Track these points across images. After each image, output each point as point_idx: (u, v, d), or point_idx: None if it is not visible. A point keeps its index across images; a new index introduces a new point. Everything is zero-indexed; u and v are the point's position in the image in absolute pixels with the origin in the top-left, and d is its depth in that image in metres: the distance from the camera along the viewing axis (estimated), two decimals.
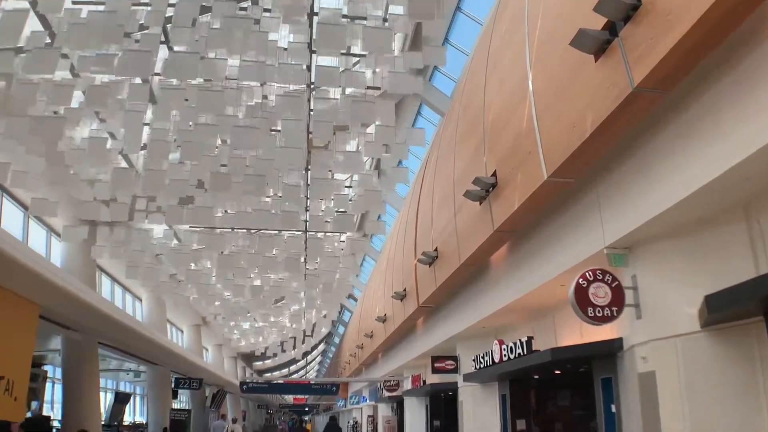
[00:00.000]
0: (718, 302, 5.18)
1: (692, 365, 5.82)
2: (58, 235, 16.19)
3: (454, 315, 12.89)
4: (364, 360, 27.74)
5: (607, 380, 8.02)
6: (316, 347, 48.84)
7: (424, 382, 17.88)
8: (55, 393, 19.51)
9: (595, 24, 5.38)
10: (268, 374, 54.27)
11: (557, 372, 10.46)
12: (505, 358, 10.49)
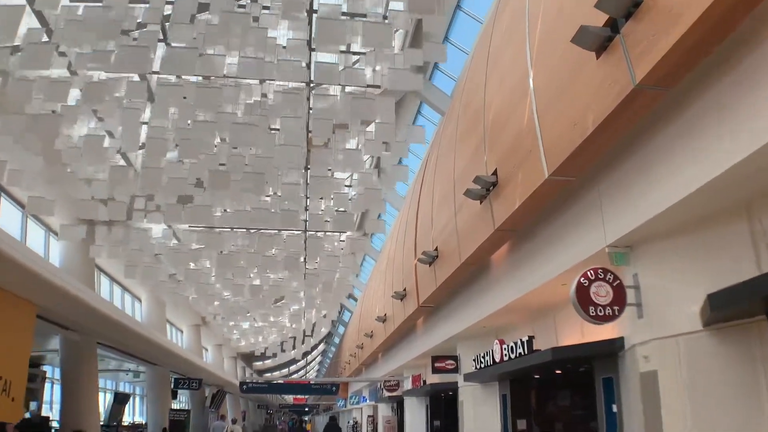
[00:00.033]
0: (720, 301, 5.15)
1: (694, 364, 5.79)
2: (56, 234, 16.14)
3: (455, 315, 12.86)
4: (364, 360, 27.71)
5: (608, 380, 7.99)
6: (316, 347, 48.81)
7: (425, 382, 17.85)
8: (55, 393, 19.47)
9: (597, 21, 5.34)
10: (268, 374, 54.22)
11: (558, 372, 10.42)
12: (506, 358, 10.46)
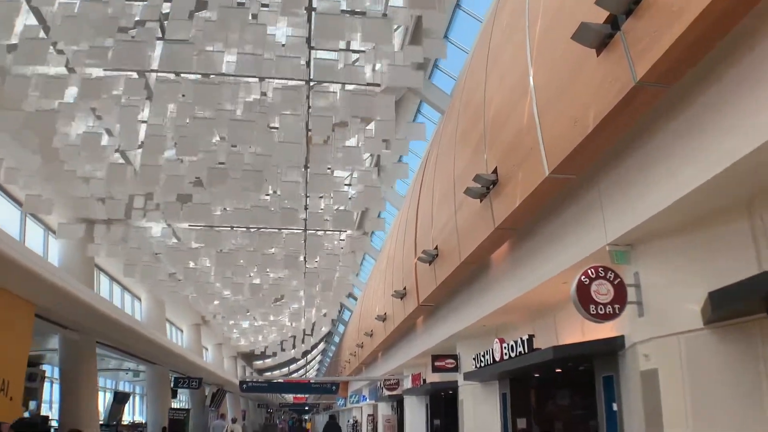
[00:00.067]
0: (721, 299, 5.13)
1: (695, 363, 5.77)
2: (55, 233, 16.11)
3: (455, 313, 12.84)
4: (364, 359, 27.70)
5: (608, 378, 7.97)
6: (316, 346, 48.80)
7: (425, 380, 17.84)
8: (54, 393, 19.45)
9: (597, 18, 5.32)
10: (268, 373, 54.22)
11: (558, 370, 10.40)
12: (506, 357, 10.44)
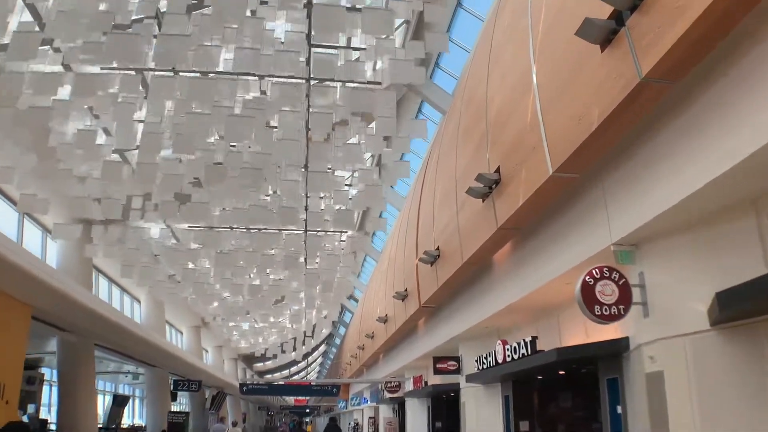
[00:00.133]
0: (729, 299, 5.05)
1: (702, 365, 5.69)
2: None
3: (456, 315, 12.75)
4: (365, 361, 27.63)
5: (613, 381, 7.88)
6: (316, 348, 48.74)
7: (426, 383, 17.78)
8: (53, 396, 19.35)
9: (600, 14, 5.24)
10: (269, 375, 54.13)
11: (561, 372, 10.31)
12: (509, 359, 10.35)
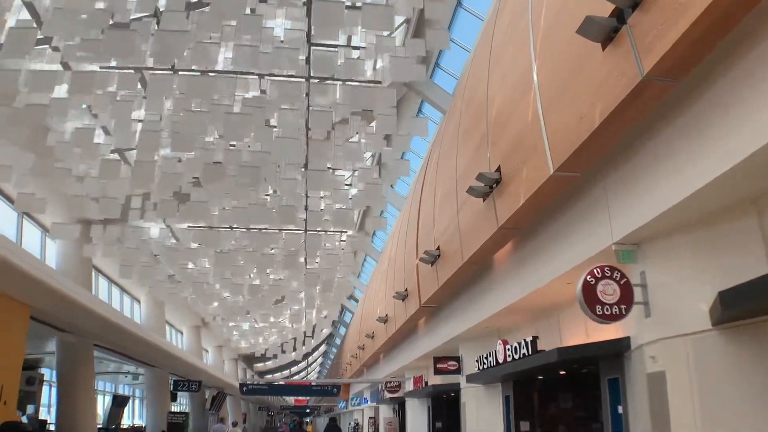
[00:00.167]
0: (732, 298, 5.02)
1: (703, 365, 5.67)
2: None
3: (457, 315, 12.73)
4: (366, 361, 27.61)
5: (614, 381, 7.86)
6: (317, 348, 48.72)
7: (426, 383, 17.76)
8: (53, 396, 19.32)
9: (602, 12, 5.22)
10: (269, 376, 54.10)
11: (562, 373, 10.28)
12: (509, 359, 10.32)
